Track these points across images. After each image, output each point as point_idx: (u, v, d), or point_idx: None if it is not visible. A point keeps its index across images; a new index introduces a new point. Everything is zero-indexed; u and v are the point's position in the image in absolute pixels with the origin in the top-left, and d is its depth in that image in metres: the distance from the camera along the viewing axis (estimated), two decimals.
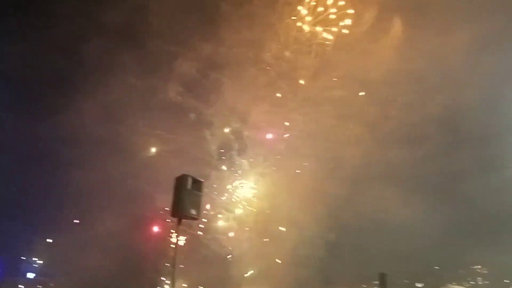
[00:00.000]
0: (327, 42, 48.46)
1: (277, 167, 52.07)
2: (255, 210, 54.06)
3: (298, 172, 50.08)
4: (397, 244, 52.18)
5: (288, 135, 51.68)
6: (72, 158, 56.33)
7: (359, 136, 47.93)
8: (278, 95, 52.07)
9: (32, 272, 66.74)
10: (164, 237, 56.37)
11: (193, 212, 9.76)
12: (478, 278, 56.80)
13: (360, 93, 47.85)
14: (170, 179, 11.04)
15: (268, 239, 51.57)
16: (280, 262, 49.68)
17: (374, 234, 51.90)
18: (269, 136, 52.42)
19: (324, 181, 48.88)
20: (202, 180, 10.14)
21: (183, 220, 10.58)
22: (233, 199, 55.58)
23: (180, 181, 9.80)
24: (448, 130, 48.02)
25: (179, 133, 52.92)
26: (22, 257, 66.23)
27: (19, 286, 65.33)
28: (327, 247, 49.88)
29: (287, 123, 51.54)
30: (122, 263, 55.49)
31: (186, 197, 9.59)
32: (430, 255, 53.43)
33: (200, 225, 55.54)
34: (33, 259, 66.91)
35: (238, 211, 56.41)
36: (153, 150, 52.37)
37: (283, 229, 51.73)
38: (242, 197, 55.71)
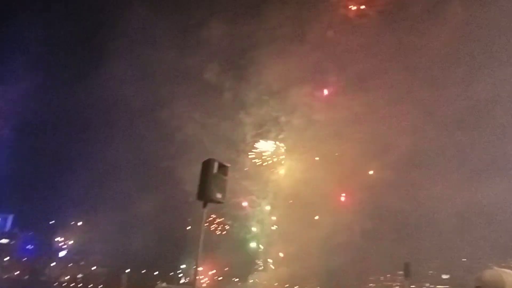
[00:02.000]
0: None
1: (317, 151, 51.35)
2: (289, 197, 53.83)
3: (338, 157, 48.98)
4: (429, 234, 51.58)
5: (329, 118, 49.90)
6: (108, 136, 58.03)
7: (409, 121, 47.04)
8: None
9: (64, 250, 69.33)
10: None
11: (219, 196, 9.87)
12: None
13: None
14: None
15: (301, 227, 51.41)
16: (311, 248, 49.41)
17: (408, 224, 51.46)
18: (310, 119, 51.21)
19: (366, 166, 48.23)
20: (228, 165, 10.24)
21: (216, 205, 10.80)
22: (267, 188, 55.66)
23: (207, 165, 9.93)
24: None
25: (216, 115, 53.05)
26: (55, 236, 68.87)
27: (51, 263, 68.16)
28: (362, 235, 49.56)
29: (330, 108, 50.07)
30: (153, 245, 56.76)
31: (212, 181, 9.70)
32: (460, 248, 52.45)
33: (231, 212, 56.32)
34: (65, 238, 69.47)
35: (271, 198, 56.45)
36: (190, 132, 52.86)
37: (317, 217, 51.50)
38: (276, 183, 55.57)
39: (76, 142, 62.40)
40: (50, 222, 66.37)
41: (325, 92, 50.61)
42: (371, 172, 48.08)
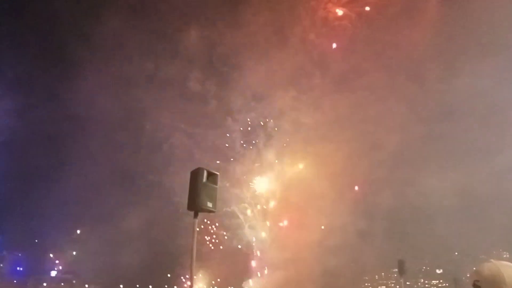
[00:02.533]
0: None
1: (306, 154, 51.00)
2: (280, 201, 53.64)
3: (326, 158, 48.25)
4: (420, 230, 51.91)
5: (316, 120, 49.54)
6: (91, 151, 57.33)
7: (395, 118, 46.69)
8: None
9: (55, 270, 68.24)
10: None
11: (210, 205, 9.80)
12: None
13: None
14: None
15: (294, 230, 51.24)
16: (305, 251, 49.27)
17: (399, 221, 51.65)
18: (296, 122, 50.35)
19: (355, 166, 48.32)
20: (217, 173, 10.18)
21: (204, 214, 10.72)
22: (257, 192, 55.39)
23: (196, 175, 9.86)
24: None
25: (202, 123, 52.67)
26: (45, 255, 67.84)
27: (43, 283, 67.04)
28: (355, 235, 49.70)
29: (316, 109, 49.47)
30: (145, 259, 56.17)
31: (202, 190, 9.63)
32: (451, 242, 52.96)
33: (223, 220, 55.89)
34: (56, 257, 68.43)
35: (262, 204, 56.23)
36: (175, 142, 52.33)
37: (309, 220, 51.43)
38: (266, 188, 55.35)
39: (59, 159, 61.42)
40: (38, 242, 65.41)
41: (309, 94, 50.53)
42: (360, 172, 48.03)
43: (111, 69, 53.79)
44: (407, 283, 45.27)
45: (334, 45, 48.37)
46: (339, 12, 48.78)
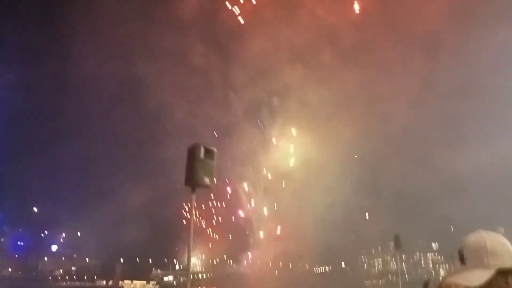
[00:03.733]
0: None
1: (312, 132, 50.91)
2: (285, 178, 53.60)
3: (334, 136, 48.11)
4: (420, 207, 52.14)
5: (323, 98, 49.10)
6: (91, 128, 57.25)
7: (407, 95, 46.05)
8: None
9: (56, 245, 69.08)
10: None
11: (207, 180, 9.83)
12: None
13: None
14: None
15: (297, 206, 51.38)
16: (306, 226, 49.37)
17: (401, 198, 51.86)
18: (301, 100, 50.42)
19: (364, 143, 47.97)
20: (214, 149, 10.18)
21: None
22: (263, 170, 55.34)
23: (193, 151, 9.84)
24: None
25: (203, 98, 51.75)
26: (45, 231, 68.55)
27: (44, 258, 67.93)
28: (357, 211, 49.88)
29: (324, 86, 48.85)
30: (145, 234, 56.70)
31: (198, 166, 9.64)
32: (448, 218, 53.29)
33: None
34: (57, 232, 69.20)
35: (266, 181, 56.28)
36: (176, 118, 51.71)
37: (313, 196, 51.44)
38: (271, 166, 55.24)
39: (58, 134, 61.49)
40: (39, 217, 65.93)
41: (317, 71, 49.50)
42: (368, 149, 47.63)
43: (111, 43, 53.06)
44: (403, 256, 45.80)
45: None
46: None
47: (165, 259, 65.52)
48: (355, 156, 48.46)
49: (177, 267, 64.78)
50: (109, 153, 57.70)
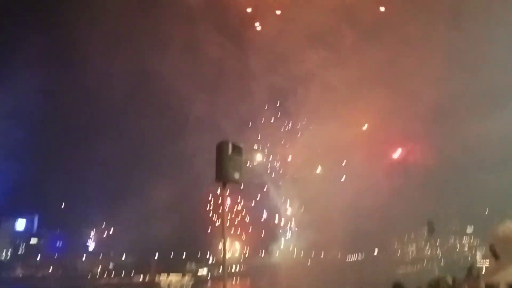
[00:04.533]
0: None
1: (338, 115, 49.82)
2: (313, 165, 53.08)
3: (362, 117, 47.80)
4: (453, 188, 50.81)
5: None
6: (121, 126, 58.12)
7: (435, 69, 45.08)
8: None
9: (93, 244, 70.95)
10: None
11: (236, 176, 10.04)
12: None
13: None
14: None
15: (326, 192, 50.93)
16: (335, 212, 48.82)
17: (432, 180, 51.08)
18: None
19: (393, 122, 46.95)
20: (242, 146, 10.37)
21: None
22: (288, 160, 55.03)
23: (221, 148, 10.07)
24: None
25: (226, 91, 51.18)
26: (82, 230, 70.42)
27: (82, 257, 69.85)
28: (387, 196, 48.95)
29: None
30: (178, 229, 57.55)
31: (228, 162, 9.87)
32: (482, 199, 51.90)
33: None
34: (93, 231, 71.04)
35: (294, 171, 56.06)
36: (199, 112, 51.37)
37: (343, 179, 50.48)
38: (298, 154, 54.87)
39: (85, 137, 62.77)
40: (75, 218, 67.76)
41: (339, 52, 48.27)
42: (397, 129, 46.59)
43: (123, 39, 53.02)
44: (437, 242, 45.05)
45: None
46: None
47: (199, 253, 66.45)
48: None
49: (210, 260, 65.65)
50: (133, 149, 58.77)
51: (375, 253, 62.32)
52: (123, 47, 52.19)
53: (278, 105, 53.10)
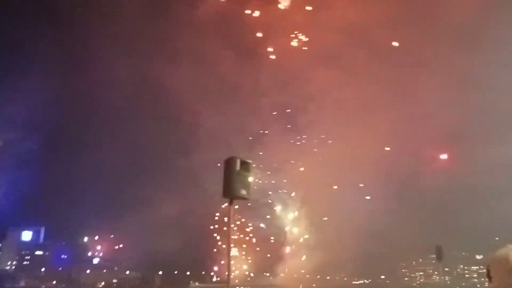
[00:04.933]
0: None
1: (342, 138, 48.54)
2: (320, 187, 52.63)
3: (368, 140, 46.29)
4: (461, 214, 50.10)
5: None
6: (129, 139, 58.23)
7: (445, 92, 44.36)
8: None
9: (97, 258, 70.75)
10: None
11: (244, 192, 9.98)
12: None
13: None
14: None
15: (334, 214, 50.33)
16: (344, 235, 48.16)
17: (440, 205, 50.29)
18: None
19: (401, 147, 46.51)
20: (250, 162, 10.33)
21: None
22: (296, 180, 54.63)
23: (229, 163, 10.04)
24: None
25: (234, 108, 51.32)
26: (87, 243, 70.37)
27: (86, 270, 69.61)
28: (394, 220, 48.31)
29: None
30: (182, 246, 57.09)
31: (235, 178, 9.81)
32: (492, 226, 51.03)
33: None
34: (98, 245, 70.93)
35: (301, 190, 55.55)
36: (210, 127, 51.48)
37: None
38: (305, 175, 54.40)
39: (97, 151, 62.68)
40: (81, 231, 67.86)
41: (351, 73, 48.07)
42: (406, 151, 46.19)
43: (130, 50, 53.20)
44: (446, 269, 44.21)
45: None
46: None
47: (203, 271, 65.90)
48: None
49: (214, 279, 64.99)
50: (141, 163, 58.84)
51: (382, 277, 61.38)
52: (135, 57, 52.54)
53: (289, 123, 52.94)
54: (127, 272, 69.00)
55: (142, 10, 51.08)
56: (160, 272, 65.94)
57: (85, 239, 70.00)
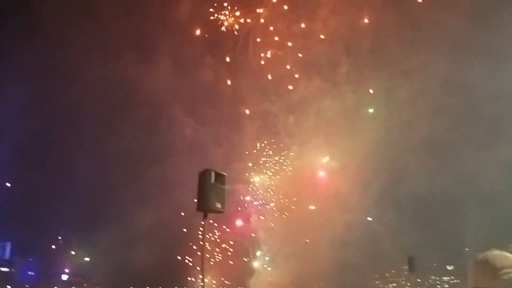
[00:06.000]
0: None
1: (330, 145, 48.55)
2: (295, 195, 52.38)
3: (354, 147, 45.99)
4: (430, 226, 50.69)
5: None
6: (102, 147, 56.61)
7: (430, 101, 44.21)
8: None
9: (66, 274, 68.59)
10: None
11: (218, 205, 9.84)
12: None
13: None
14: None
15: (308, 225, 50.05)
16: (319, 245, 47.85)
17: (410, 216, 50.34)
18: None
19: (383, 152, 45.78)
20: (225, 174, 10.21)
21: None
22: (271, 190, 54.36)
23: (204, 176, 9.90)
24: None
25: (213, 117, 50.72)
26: (56, 259, 68.22)
27: (54, 287, 67.49)
28: (367, 231, 48.49)
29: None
30: (155, 260, 55.85)
31: (210, 191, 9.67)
32: (462, 237, 51.90)
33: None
34: (67, 260, 68.83)
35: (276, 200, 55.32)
36: (189, 137, 50.70)
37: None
38: (281, 185, 54.21)
39: (63, 160, 60.74)
40: (48, 246, 65.81)
41: (333, 83, 48.21)
42: (384, 162, 46.50)
43: (108, 53, 51.81)
44: (418, 280, 44.61)
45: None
46: None
47: (176, 287, 64.71)
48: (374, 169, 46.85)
49: None
50: (114, 172, 57.34)
51: None
52: (114, 61, 51.29)
53: (269, 134, 52.79)
54: None
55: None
56: None
57: (54, 254, 67.83)
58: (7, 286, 64.73)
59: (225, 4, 48.57)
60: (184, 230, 53.41)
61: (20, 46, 52.16)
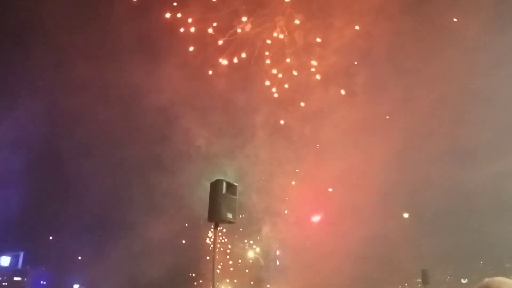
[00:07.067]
0: None
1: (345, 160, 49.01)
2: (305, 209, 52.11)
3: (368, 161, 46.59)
4: (446, 239, 50.00)
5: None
6: (113, 159, 56.70)
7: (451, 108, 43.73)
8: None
9: (77, 284, 68.90)
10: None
11: (229, 216, 9.86)
12: None
13: None
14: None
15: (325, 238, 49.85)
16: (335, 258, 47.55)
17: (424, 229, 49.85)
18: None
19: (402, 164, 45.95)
20: (236, 184, 10.25)
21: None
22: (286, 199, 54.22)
23: (215, 186, 9.94)
24: None
25: (221, 129, 50.67)
26: (68, 269, 68.64)
27: None
28: (380, 244, 47.93)
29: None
30: (166, 270, 55.76)
31: (221, 202, 9.70)
32: (477, 251, 51.14)
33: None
34: (79, 270, 69.22)
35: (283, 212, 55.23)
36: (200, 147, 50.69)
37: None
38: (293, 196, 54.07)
39: (74, 171, 60.89)
40: (61, 256, 66.15)
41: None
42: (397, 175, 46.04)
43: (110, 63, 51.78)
44: None
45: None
46: None
47: None
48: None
49: None
50: (127, 183, 57.49)
51: None
52: (123, 70, 51.49)
53: (283, 144, 52.59)
54: None
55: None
56: None
57: (66, 264, 68.23)
58: None
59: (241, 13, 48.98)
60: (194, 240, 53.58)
61: (29, 58, 52.89)
